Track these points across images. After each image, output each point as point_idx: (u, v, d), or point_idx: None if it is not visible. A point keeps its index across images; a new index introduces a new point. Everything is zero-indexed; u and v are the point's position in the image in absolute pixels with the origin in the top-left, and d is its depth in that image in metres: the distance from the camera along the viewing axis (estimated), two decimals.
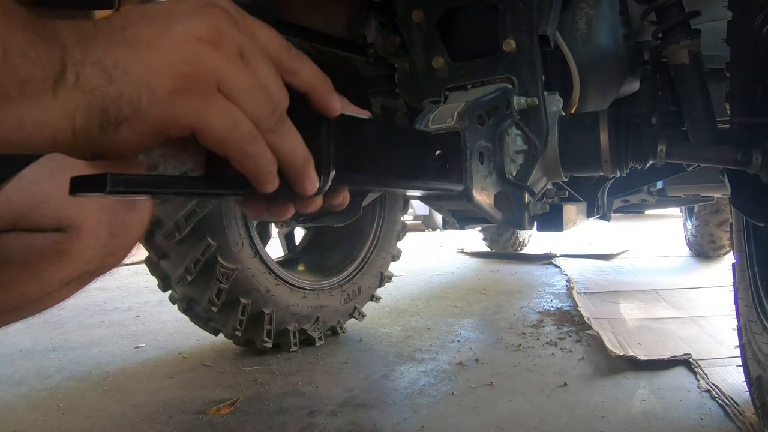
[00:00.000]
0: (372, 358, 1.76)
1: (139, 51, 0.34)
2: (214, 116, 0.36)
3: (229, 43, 0.37)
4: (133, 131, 0.35)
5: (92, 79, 0.33)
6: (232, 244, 1.60)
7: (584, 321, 2.02)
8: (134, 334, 2.14)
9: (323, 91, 0.43)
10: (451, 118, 0.87)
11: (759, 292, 1.10)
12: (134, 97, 0.34)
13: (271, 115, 0.38)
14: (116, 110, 0.33)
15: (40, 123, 0.32)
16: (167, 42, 0.35)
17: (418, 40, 1.12)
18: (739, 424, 1.16)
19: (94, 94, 0.33)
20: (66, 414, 1.36)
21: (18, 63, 0.30)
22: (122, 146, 0.35)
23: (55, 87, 0.32)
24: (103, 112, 0.33)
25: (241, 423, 1.29)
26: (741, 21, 1.00)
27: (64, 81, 0.32)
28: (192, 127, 0.36)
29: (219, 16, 0.37)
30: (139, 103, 0.34)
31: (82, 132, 0.33)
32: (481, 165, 0.89)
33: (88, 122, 0.33)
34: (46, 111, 0.32)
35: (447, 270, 3.64)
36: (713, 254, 3.71)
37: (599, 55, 1.12)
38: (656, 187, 2.17)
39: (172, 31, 0.35)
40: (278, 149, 0.39)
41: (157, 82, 0.34)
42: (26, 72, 0.31)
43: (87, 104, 0.33)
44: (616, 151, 1.03)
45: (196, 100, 0.35)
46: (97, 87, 0.33)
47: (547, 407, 1.31)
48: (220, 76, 0.36)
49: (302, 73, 0.42)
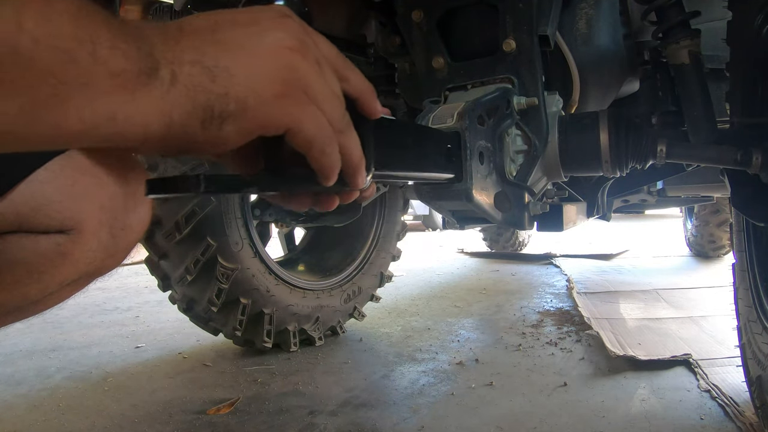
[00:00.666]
0: (372, 358, 1.76)
1: (237, 54, 0.37)
2: (306, 119, 0.40)
3: (311, 52, 0.41)
4: (237, 128, 0.37)
5: (194, 77, 0.35)
6: (232, 244, 1.60)
7: (584, 321, 2.02)
8: (134, 334, 2.14)
9: (369, 97, 0.48)
10: (451, 118, 0.87)
11: (759, 292, 1.10)
12: (241, 96, 0.36)
13: (342, 118, 0.43)
14: (222, 108, 0.36)
15: (132, 117, 0.33)
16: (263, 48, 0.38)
17: (418, 40, 1.12)
18: (739, 424, 1.16)
19: (197, 92, 0.35)
20: (66, 414, 1.36)
21: (107, 56, 0.31)
22: (221, 141, 0.38)
23: (147, 83, 0.33)
24: (206, 109, 0.35)
25: (241, 423, 1.29)
26: (741, 21, 1.00)
27: (157, 78, 0.33)
28: (287, 128, 0.39)
29: (298, 27, 0.41)
30: (246, 102, 0.37)
31: (179, 127, 0.35)
32: (481, 165, 0.89)
33: (188, 118, 0.35)
34: (139, 106, 0.33)
35: (447, 270, 3.64)
36: (713, 254, 3.71)
37: (599, 55, 1.12)
38: (656, 187, 2.17)
39: (266, 39, 0.38)
40: (343, 148, 0.44)
41: (263, 85, 0.37)
42: (116, 65, 0.31)
43: (190, 101, 0.35)
44: (616, 151, 1.03)
45: (293, 104, 0.39)
46: (200, 85, 0.35)
47: (547, 407, 1.31)
48: (308, 83, 0.40)
49: (353, 81, 0.46)
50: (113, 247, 0.58)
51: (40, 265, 0.54)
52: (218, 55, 0.36)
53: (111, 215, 0.57)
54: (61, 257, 0.55)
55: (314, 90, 0.40)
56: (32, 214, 0.52)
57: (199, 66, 0.35)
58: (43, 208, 0.52)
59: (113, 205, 0.57)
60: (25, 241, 0.54)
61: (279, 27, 0.40)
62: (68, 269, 0.56)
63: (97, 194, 0.55)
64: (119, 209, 0.57)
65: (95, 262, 0.58)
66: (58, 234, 0.54)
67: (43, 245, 0.54)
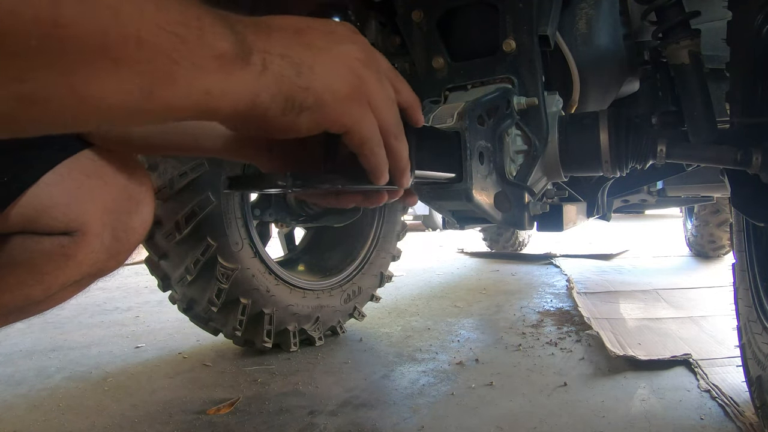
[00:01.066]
0: (372, 358, 1.76)
1: (319, 56, 0.42)
2: (364, 122, 0.45)
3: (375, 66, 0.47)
4: (310, 119, 0.42)
5: (283, 68, 0.40)
6: (232, 244, 1.60)
7: (584, 321, 2.02)
8: (134, 334, 2.14)
9: (416, 108, 0.54)
10: (451, 118, 0.87)
11: (759, 292, 1.10)
12: (319, 92, 0.41)
13: (397, 124, 0.49)
14: (302, 99, 0.41)
15: (226, 94, 0.37)
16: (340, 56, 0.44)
17: (418, 40, 1.12)
18: (739, 424, 1.16)
19: (283, 81, 0.40)
20: (66, 414, 1.36)
21: (211, 39, 0.35)
22: (294, 128, 0.42)
23: (243, 66, 0.37)
24: (288, 98, 0.40)
25: (241, 423, 1.29)
26: (741, 21, 1.00)
27: (250, 63, 0.38)
28: (347, 128, 0.44)
29: (366, 44, 0.47)
30: (323, 98, 0.42)
31: (262, 109, 0.39)
32: (481, 165, 0.89)
33: (271, 102, 0.39)
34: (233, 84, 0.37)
35: (447, 270, 3.64)
36: (713, 254, 3.71)
37: (599, 55, 1.12)
38: (656, 187, 2.17)
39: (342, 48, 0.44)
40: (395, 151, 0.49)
41: (338, 86, 0.43)
42: (219, 48, 0.36)
43: (276, 88, 0.39)
44: (616, 151, 1.03)
45: (357, 107, 0.44)
46: (287, 76, 0.40)
47: (547, 407, 1.31)
48: (372, 92, 0.45)
49: (404, 93, 0.52)
50: (116, 249, 0.59)
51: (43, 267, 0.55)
52: (303, 54, 0.41)
53: (114, 217, 0.57)
54: (65, 259, 0.55)
55: (375, 99, 0.46)
56: (37, 216, 0.53)
57: (288, 60, 0.40)
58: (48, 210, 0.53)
59: (117, 207, 0.57)
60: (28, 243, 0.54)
61: (352, 40, 0.46)
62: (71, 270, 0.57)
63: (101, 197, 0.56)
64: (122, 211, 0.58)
65: (98, 263, 0.59)
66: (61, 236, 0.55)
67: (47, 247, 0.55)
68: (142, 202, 0.60)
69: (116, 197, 0.57)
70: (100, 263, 0.59)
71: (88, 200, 0.55)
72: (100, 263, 0.59)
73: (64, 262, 0.56)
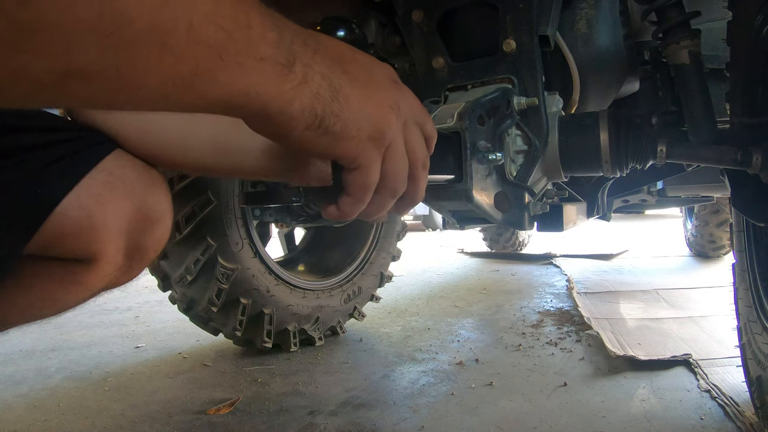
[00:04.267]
0: (372, 358, 1.76)
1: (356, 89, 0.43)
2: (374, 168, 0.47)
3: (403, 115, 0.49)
4: (328, 144, 0.43)
5: (321, 88, 0.40)
6: (232, 244, 1.60)
7: (584, 321, 2.02)
8: (134, 334, 2.14)
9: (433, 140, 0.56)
10: (451, 118, 0.87)
11: (759, 292, 1.10)
12: (347, 123, 0.42)
13: (426, 157, 0.53)
14: (330, 124, 0.42)
15: (261, 95, 0.37)
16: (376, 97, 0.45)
17: (418, 40, 1.12)
18: (739, 424, 1.16)
19: (318, 101, 0.40)
20: (66, 414, 1.36)
21: (257, 41, 0.36)
22: (308, 147, 0.43)
23: (285, 73, 0.38)
24: (316, 117, 0.41)
25: (241, 423, 1.29)
26: (741, 21, 1.00)
27: (292, 72, 0.38)
28: (358, 165, 0.46)
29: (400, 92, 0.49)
30: (348, 129, 0.43)
31: (287, 117, 0.39)
32: (481, 165, 0.89)
33: (300, 115, 0.40)
34: (272, 88, 0.37)
35: (447, 270, 3.64)
36: (713, 254, 3.71)
37: (599, 55, 1.12)
38: (656, 187, 2.17)
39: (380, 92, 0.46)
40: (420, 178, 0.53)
41: (366, 124, 0.44)
42: (264, 50, 0.36)
43: (310, 103, 0.40)
44: (616, 151, 1.03)
45: (374, 151, 0.46)
46: (324, 97, 0.41)
47: (547, 407, 1.31)
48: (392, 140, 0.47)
49: (428, 127, 0.54)
50: (128, 266, 0.60)
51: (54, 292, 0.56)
52: (343, 82, 0.42)
53: (128, 239, 0.58)
54: (76, 285, 0.56)
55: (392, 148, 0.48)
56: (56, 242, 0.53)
57: (327, 81, 0.41)
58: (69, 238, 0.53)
59: (132, 228, 0.57)
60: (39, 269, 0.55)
61: (389, 86, 0.48)
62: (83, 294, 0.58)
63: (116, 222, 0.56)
64: (138, 232, 0.58)
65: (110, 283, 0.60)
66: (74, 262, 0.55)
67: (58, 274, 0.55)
68: (159, 221, 0.60)
69: (132, 218, 0.57)
70: (113, 281, 0.60)
71: (103, 227, 0.55)
72: (113, 281, 0.60)
73: (75, 288, 0.56)
